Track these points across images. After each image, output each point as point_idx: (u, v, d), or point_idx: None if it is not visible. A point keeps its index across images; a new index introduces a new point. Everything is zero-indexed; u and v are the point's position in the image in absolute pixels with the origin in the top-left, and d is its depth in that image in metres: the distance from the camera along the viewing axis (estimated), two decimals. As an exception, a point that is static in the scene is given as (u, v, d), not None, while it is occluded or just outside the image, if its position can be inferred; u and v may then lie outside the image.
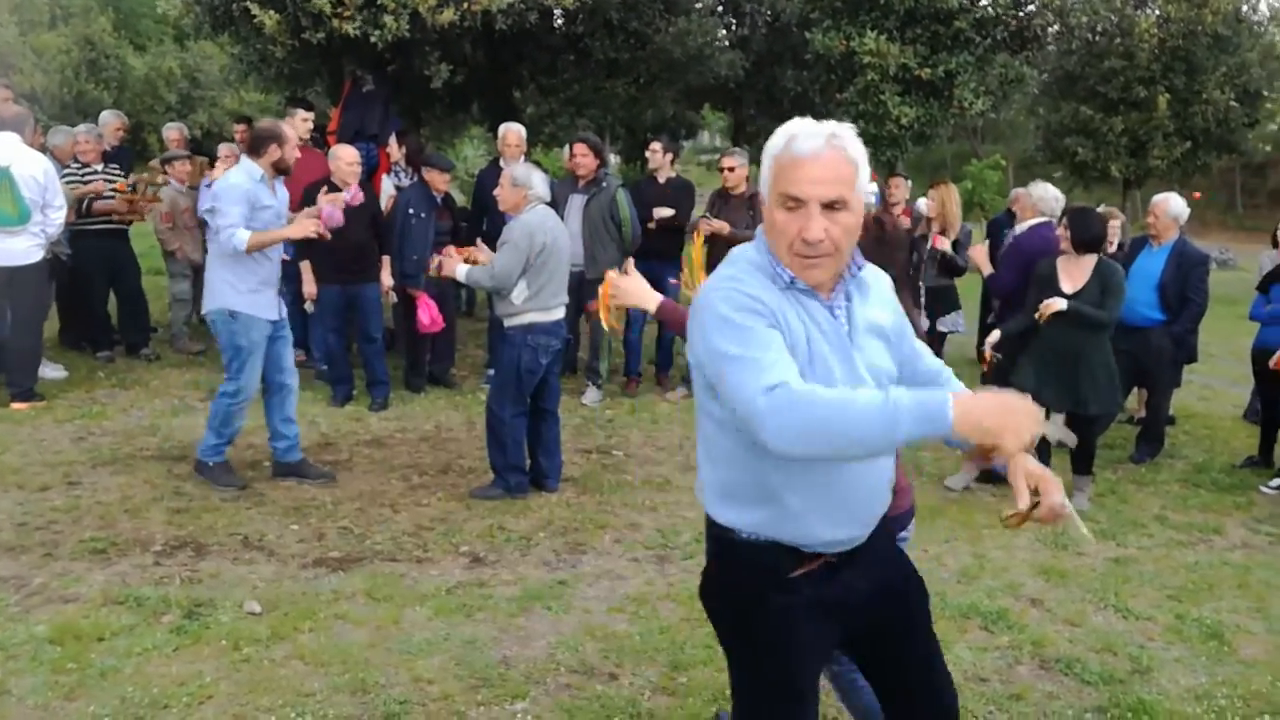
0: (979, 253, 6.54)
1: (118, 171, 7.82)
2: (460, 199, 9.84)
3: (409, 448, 6.17)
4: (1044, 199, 6.01)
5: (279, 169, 5.16)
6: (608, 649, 3.70)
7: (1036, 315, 5.38)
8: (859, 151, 1.96)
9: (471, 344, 9.17)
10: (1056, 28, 11.37)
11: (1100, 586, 4.54)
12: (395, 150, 8.35)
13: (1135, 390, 7.20)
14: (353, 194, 6.38)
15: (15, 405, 6.35)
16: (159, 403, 6.83)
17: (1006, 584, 4.52)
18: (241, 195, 4.96)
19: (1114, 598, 4.42)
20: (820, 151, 1.91)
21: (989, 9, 10.20)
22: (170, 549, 4.45)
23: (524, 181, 5.16)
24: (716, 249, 7.55)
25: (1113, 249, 6.87)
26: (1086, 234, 5.35)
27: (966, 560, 4.79)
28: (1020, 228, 6.35)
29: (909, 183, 8.56)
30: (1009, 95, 11.40)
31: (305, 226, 5.19)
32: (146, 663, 3.43)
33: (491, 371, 7.94)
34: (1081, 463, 5.72)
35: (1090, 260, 5.37)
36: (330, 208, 5.57)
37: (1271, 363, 6.16)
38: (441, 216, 7.35)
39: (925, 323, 7.06)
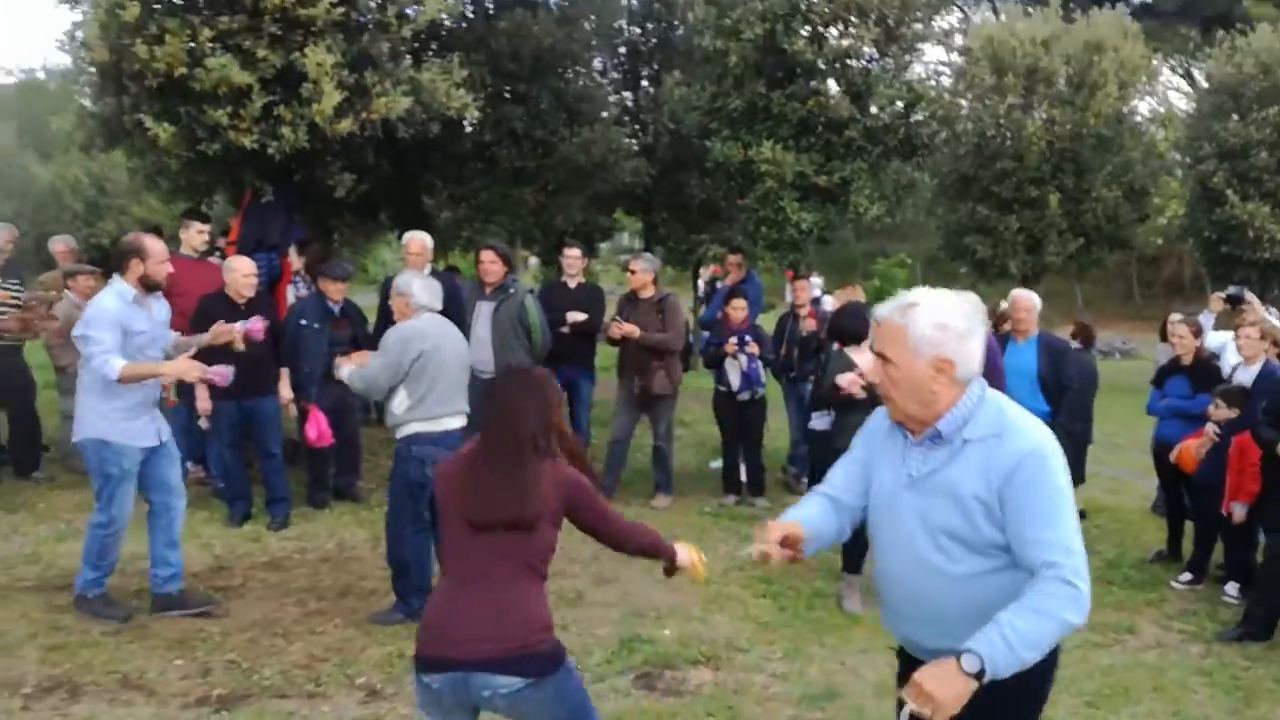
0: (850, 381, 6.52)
1: (18, 285, 7.53)
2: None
3: (308, 569, 5.89)
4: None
5: (147, 285, 4.89)
6: (510, 787, 3.47)
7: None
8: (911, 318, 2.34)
9: (382, 454, 8.89)
10: (944, 134, 11.86)
11: (1017, 691, 4.47)
12: (295, 260, 8.22)
13: None
14: (251, 325, 5.70)
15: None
16: (44, 528, 6.44)
17: (924, 693, 4.42)
18: (112, 320, 4.71)
19: (1031, 703, 4.35)
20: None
21: (879, 118, 10.62)
22: (42, 691, 4.14)
23: (404, 290, 5.07)
24: (628, 352, 7.56)
25: None
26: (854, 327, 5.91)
27: (883, 671, 4.66)
28: None
29: (818, 282, 8.72)
30: (902, 200, 11.83)
31: (186, 368, 4.89)
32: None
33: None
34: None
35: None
36: (220, 368, 5.05)
37: (1172, 457, 6.31)
38: (339, 326, 7.18)
39: (828, 421, 6.96)
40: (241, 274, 6.39)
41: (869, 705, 4.29)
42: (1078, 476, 7.26)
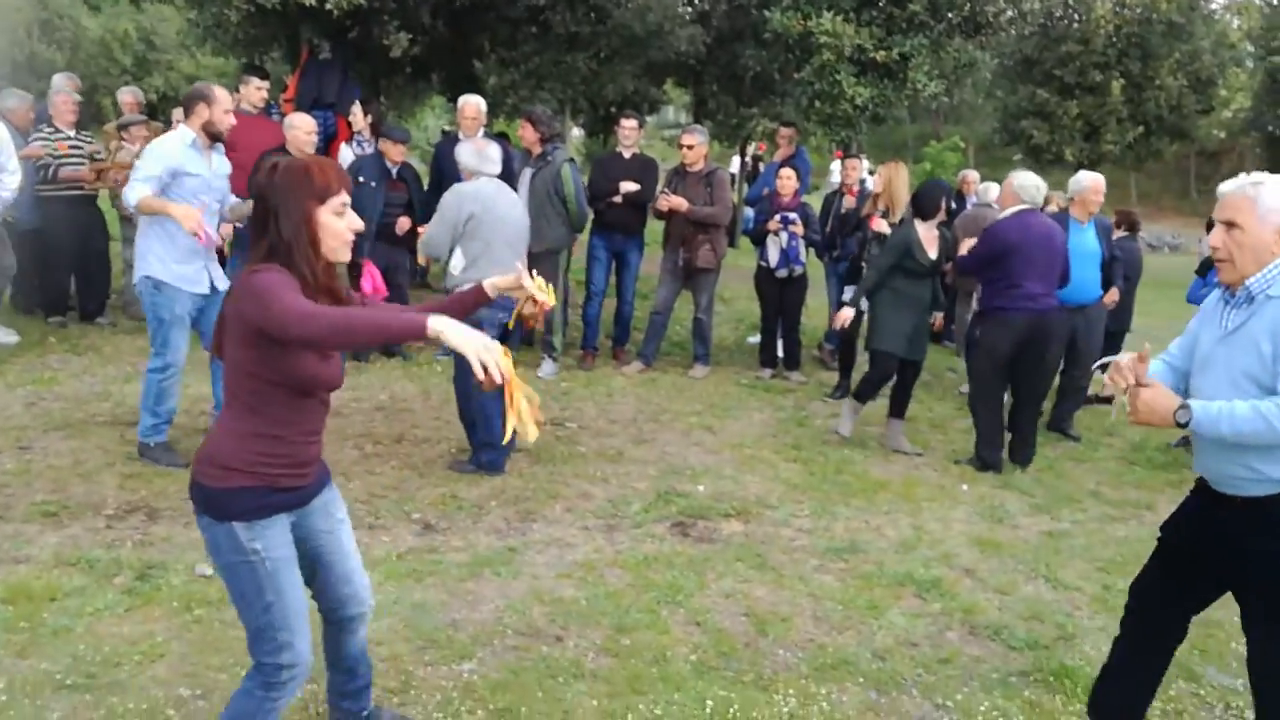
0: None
1: (88, 137, 7.73)
2: (423, 169, 9.79)
3: (363, 417, 6.21)
4: (1025, 187, 6.10)
5: (210, 133, 4.99)
6: (554, 613, 3.80)
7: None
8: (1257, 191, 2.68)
9: (429, 315, 9.18)
10: (1010, 13, 11.49)
11: (1032, 558, 4.73)
12: (359, 119, 8.31)
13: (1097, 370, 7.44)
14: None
15: (-35, 370, 6.31)
16: (111, 369, 6.80)
17: (942, 554, 4.69)
18: (161, 156, 4.87)
19: (1045, 569, 4.60)
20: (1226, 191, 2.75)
21: (944, -7, 10.31)
22: (122, 513, 4.48)
23: (458, 156, 5.37)
24: (674, 225, 7.67)
25: None
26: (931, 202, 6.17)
27: (906, 531, 4.95)
28: (1004, 214, 6.31)
29: (864, 163, 8.68)
30: (961, 79, 11.56)
31: (185, 214, 4.80)
32: (98, 622, 3.48)
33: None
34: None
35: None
36: (212, 232, 5.09)
37: None
38: (395, 187, 7.37)
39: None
40: (304, 131, 6.53)
41: (889, 559, 4.56)
42: (1114, 350, 7.38)
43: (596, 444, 6.00)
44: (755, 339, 8.77)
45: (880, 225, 6.94)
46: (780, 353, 8.08)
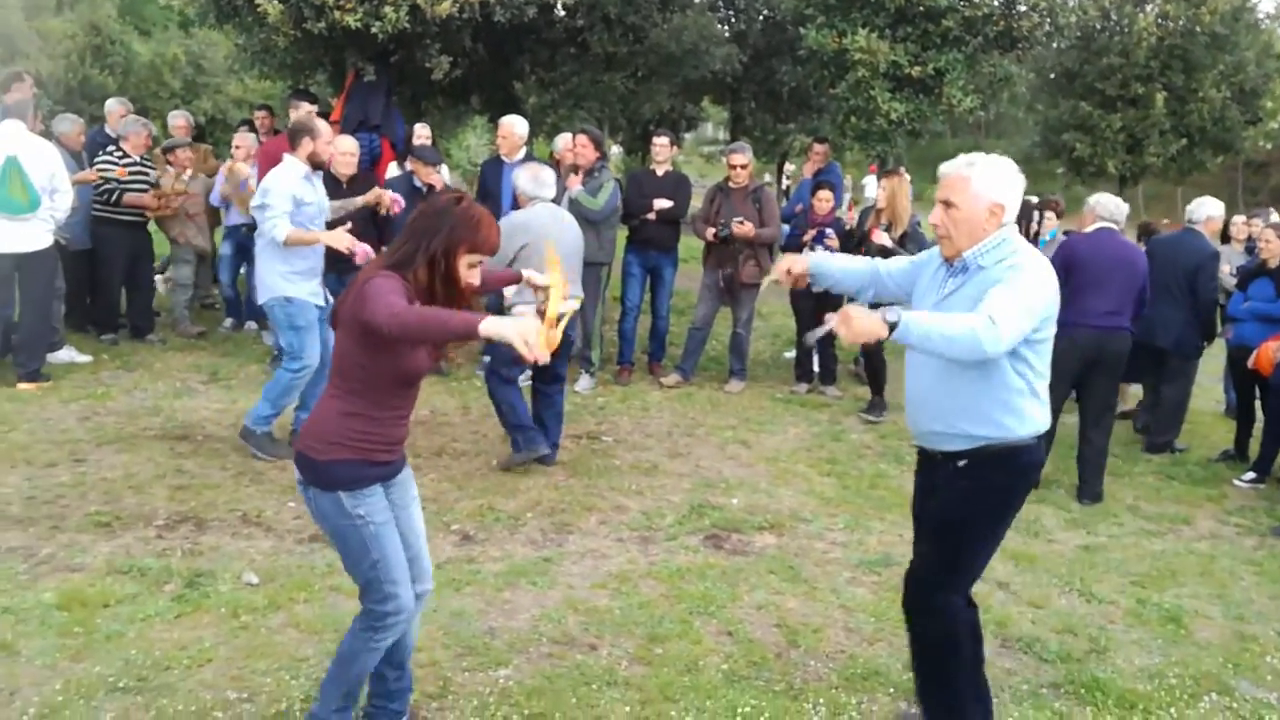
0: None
1: (151, 166, 7.98)
2: (464, 188, 9.96)
3: (404, 431, 6.33)
4: (1104, 204, 6.11)
5: (314, 163, 5.43)
6: (588, 622, 3.88)
7: None
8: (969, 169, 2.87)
9: (468, 331, 9.32)
10: (1046, 27, 11.48)
11: (1067, 572, 4.72)
12: (423, 138, 8.49)
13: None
14: (396, 196, 6.67)
15: (22, 386, 6.52)
16: (161, 385, 7.00)
17: (975, 567, 4.69)
18: (285, 191, 5.30)
19: (1079, 582, 4.60)
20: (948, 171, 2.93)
21: (979, 8, 10.34)
22: (172, 523, 4.62)
23: (516, 183, 5.63)
24: (725, 248, 7.66)
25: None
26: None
27: (939, 544, 4.96)
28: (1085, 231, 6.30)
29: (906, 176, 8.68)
30: (997, 94, 11.58)
31: (339, 238, 5.43)
32: (149, 628, 3.61)
33: (487, 359, 8.13)
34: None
35: None
36: (365, 245, 5.65)
37: (1250, 363, 6.33)
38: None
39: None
40: (343, 152, 6.71)
41: (922, 574, 4.58)
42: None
43: (632, 457, 6.08)
44: (791, 353, 8.80)
45: (880, 237, 6.94)
46: (815, 367, 8.11)
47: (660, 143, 7.96)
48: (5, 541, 4.26)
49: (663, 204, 7.68)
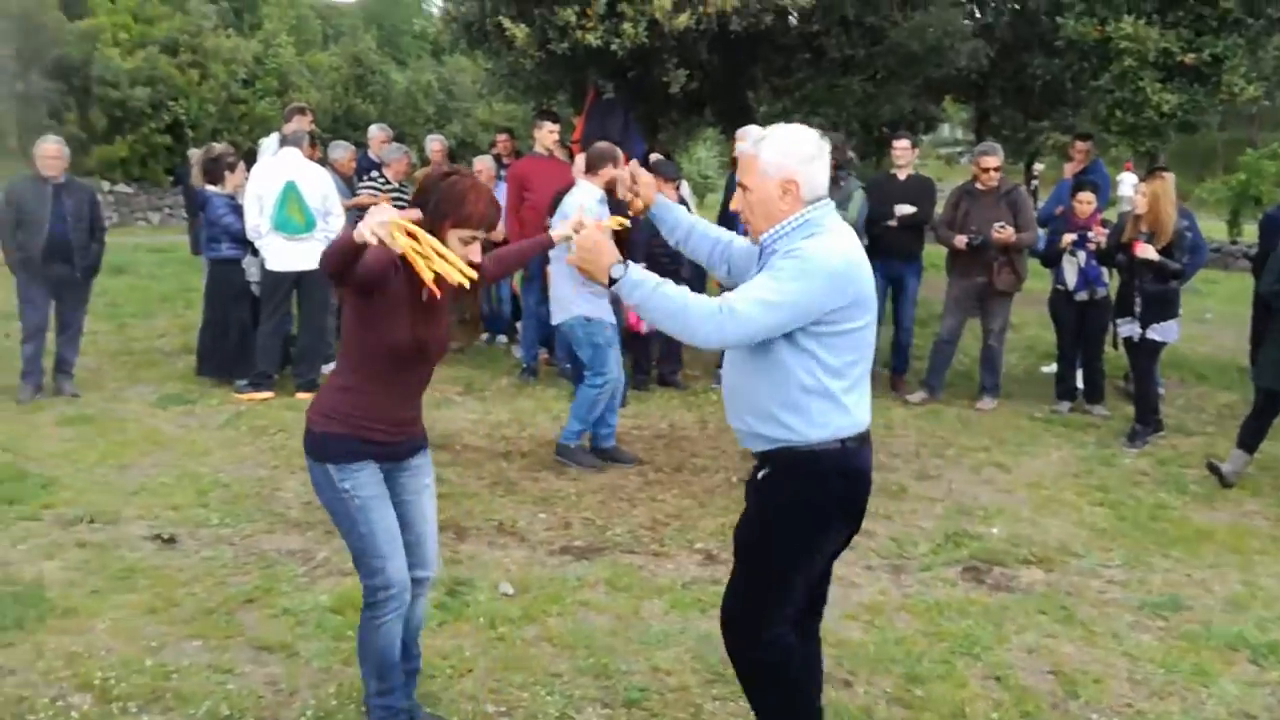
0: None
1: (408, 191, 8.51)
2: (695, 203, 9.96)
3: (644, 444, 6.37)
4: None
5: (608, 189, 5.59)
6: (840, 655, 3.70)
7: None
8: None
9: (704, 344, 9.32)
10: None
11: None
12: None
13: None
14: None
15: (300, 395, 7.08)
16: (424, 396, 7.37)
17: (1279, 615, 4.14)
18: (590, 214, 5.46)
19: None
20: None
21: (1262, -13, 9.30)
22: (433, 531, 4.82)
23: None
24: (975, 255, 7.24)
25: None
26: None
27: (1235, 588, 4.42)
28: None
29: (1132, 177, 7.96)
30: (1285, 80, 10.37)
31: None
32: (414, 635, 3.75)
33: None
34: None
35: None
36: None
37: None
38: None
39: (1135, 330, 6.51)
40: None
41: (1217, 618, 4.09)
42: None
43: (877, 479, 5.68)
44: (1050, 368, 8.21)
45: (1146, 251, 6.30)
46: (1079, 384, 7.50)
47: (901, 145, 7.66)
48: (286, 544, 4.59)
49: (905, 210, 7.36)
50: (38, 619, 3.75)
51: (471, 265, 2.58)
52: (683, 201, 7.95)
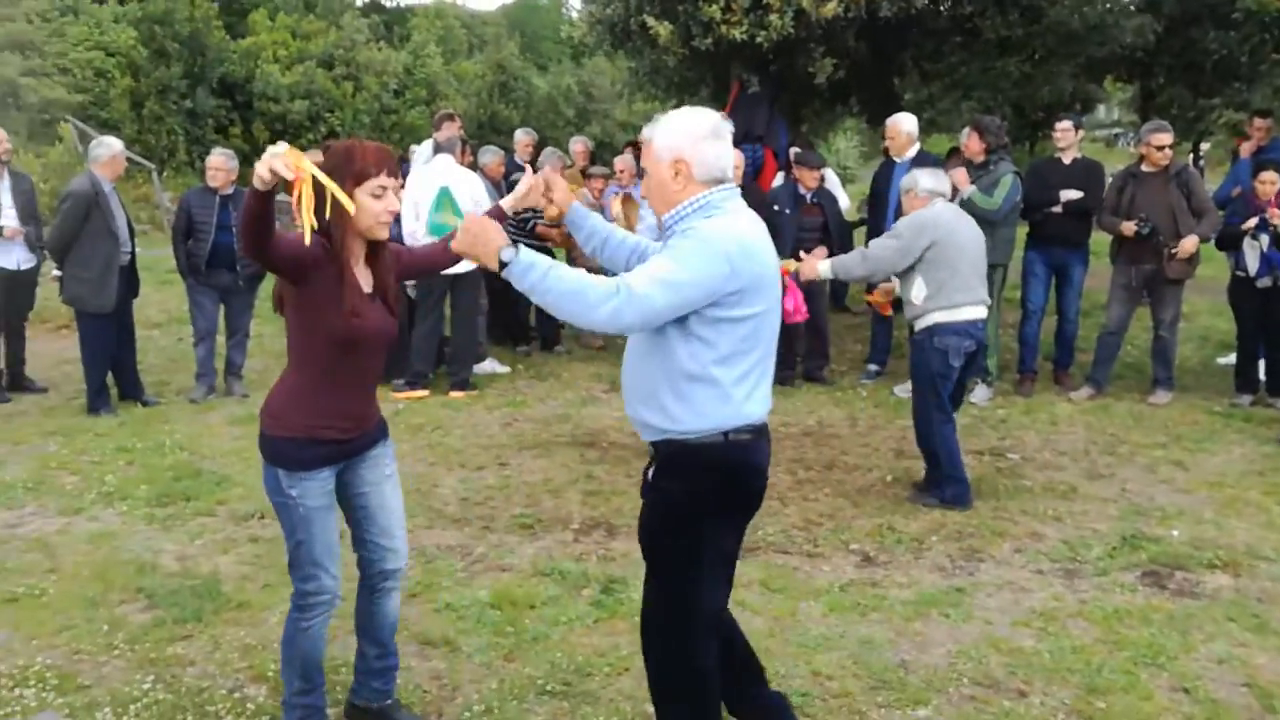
0: None
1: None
2: (842, 197, 9.69)
3: (793, 442, 6.26)
4: None
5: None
6: (1013, 664, 3.52)
7: None
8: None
9: (849, 339, 9.13)
10: None
11: None
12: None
13: None
14: None
15: (454, 394, 7.27)
16: (570, 394, 7.48)
17: None
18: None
19: None
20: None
21: None
22: (586, 528, 4.86)
23: (908, 186, 5.26)
24: (1143, 241, 6.80)
25: None
26: None
27: None
28: None
29: None
30: None
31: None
32: (570, 632, 3.77)
33: (872, 367, 7.87)
34: None
35: None
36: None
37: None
38: (810, 212, 7.41)
39: None
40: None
41: None
42: None
43: (1043, 478, 5.55)
44: (1227, 360, 7.67)
45: None
46: (1262, 374, 6.97)
47: (1064, 127, 7.28)
48: (445, 540, 4.70)
49: (1071, 195, 6.99)
50: (214, 612, 3.93)
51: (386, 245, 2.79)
52: (827, 191, 7.78)
